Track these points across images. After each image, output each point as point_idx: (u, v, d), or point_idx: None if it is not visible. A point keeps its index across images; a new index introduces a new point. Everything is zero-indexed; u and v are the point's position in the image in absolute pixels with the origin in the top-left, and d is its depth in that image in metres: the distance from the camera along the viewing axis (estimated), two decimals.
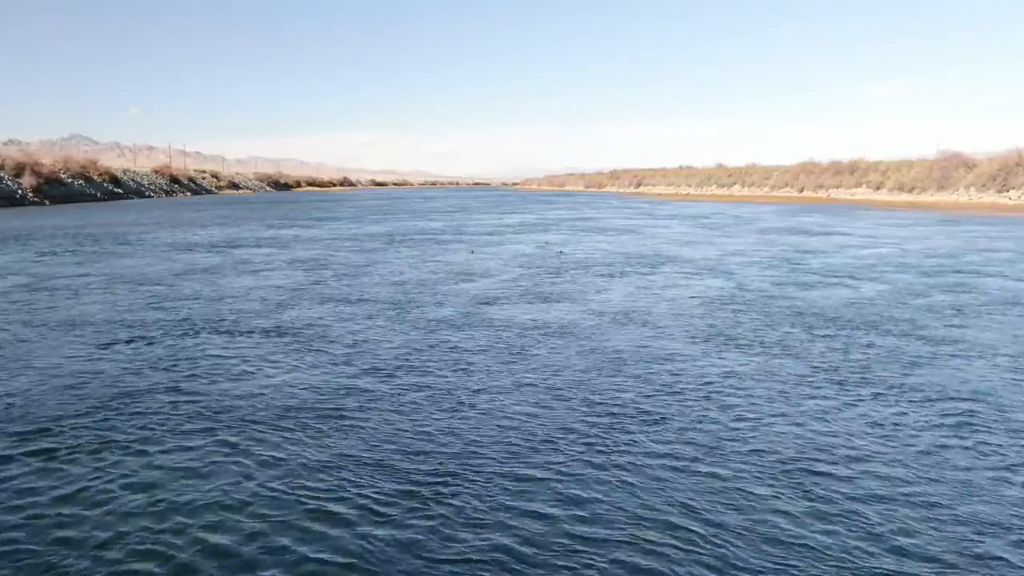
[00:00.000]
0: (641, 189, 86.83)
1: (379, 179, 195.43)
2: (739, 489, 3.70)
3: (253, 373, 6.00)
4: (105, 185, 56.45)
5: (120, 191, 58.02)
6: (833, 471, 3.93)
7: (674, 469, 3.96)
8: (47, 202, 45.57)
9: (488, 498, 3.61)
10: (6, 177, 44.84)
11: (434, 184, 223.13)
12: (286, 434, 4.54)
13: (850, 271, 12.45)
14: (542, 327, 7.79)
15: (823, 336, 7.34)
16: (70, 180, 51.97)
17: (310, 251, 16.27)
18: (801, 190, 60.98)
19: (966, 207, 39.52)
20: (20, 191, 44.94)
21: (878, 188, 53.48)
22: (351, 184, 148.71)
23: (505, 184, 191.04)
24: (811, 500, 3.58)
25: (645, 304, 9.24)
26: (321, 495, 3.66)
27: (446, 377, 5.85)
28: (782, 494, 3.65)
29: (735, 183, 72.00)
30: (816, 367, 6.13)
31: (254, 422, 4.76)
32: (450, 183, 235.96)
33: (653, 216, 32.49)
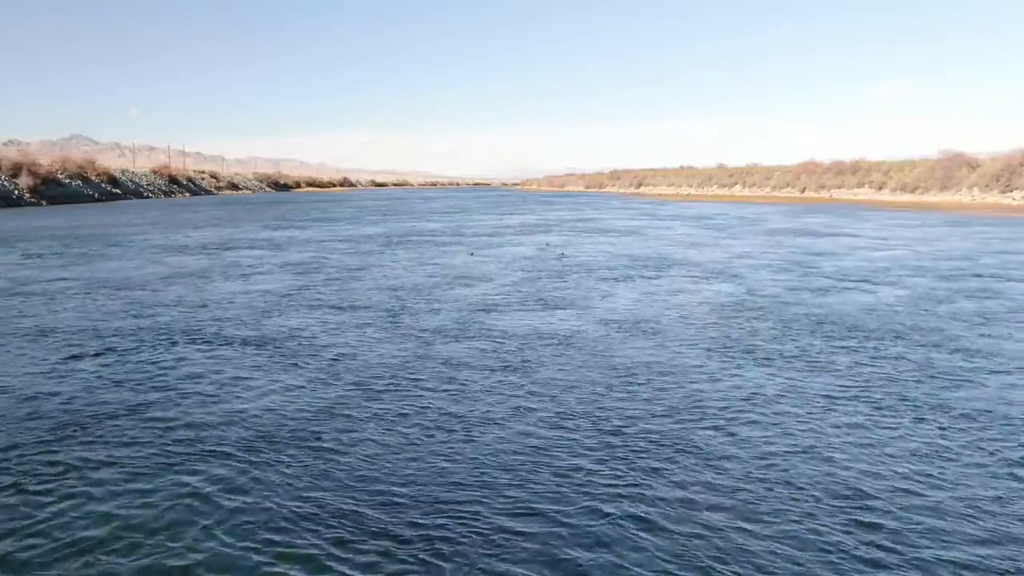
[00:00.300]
0: (642, 189, 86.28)
1: (379, 179, 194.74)
2: (775, 550, 3.15)
3: (225, 395, 5.46)
4: (103, 186, 55.91)
5: (118, 192, 57.48)
6: (883, 523, 3.38)
7: (696, 522, 3.41)
8: (44, 203, 45.05)
9: (483, 566, 3.06)
10: (3, 177, 44.34)
11: (434, 184, 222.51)
12: (253, 472, 3.99)
13: (865, 275, 11.90)
14: (545, 338, 7.25)
15: (847, 348, 6.79)
16: (68, 180, 51.47)
17: (303, 253, 15.74)
18: (803, 190, 60.48)
19: (969, 207, 38.98)
20: (17, 191, 44.43)
21: (880, 188, 53.00)
22: (351, 184, 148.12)
23: (505, 184, 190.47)
24: (864, 567, 3.03)
25: (653, 311, 8.70)
26: (283, 555, 3.12)
27: (439, 400, 5.30)
28: (828, 556, 3.10)
29: (736, 183, 71.45)
30: (845, 384, 5.58)
31: (218, 455, 4.21)
32: (450, 183, 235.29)
33: (656, 217, 31.94)
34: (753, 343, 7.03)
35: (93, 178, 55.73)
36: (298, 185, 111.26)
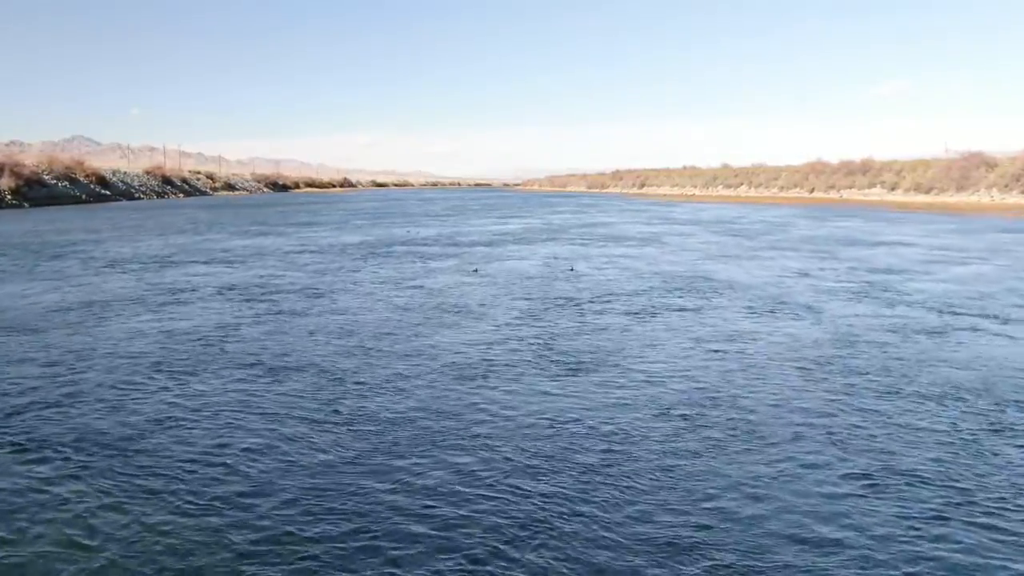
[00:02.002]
0: (644, 190, 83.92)
1: (380, 180, 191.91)
2: None
3: None
4: (91, 186, 53.16)
5: (107, 193, 54.69)
6: None
7: None
8: (26, 204, 42.42)
9: None
10: None
11: (435, 185, 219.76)
12: None
13: (973, 304, 9.10)
14: (567, 446, 4.42)
15: None
16: (53, 181, 48.78)
17: (256, 271, 12.93)
18: (812, 191, 58.16)
19: (989, 208, 36.58)
20: None
21: (893, 188, 50.57)
22: (351, 185, 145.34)
23: (507, 185, 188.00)
24: None
25: (718, 376, 5.91)
26: None
27: None
28: None
29: (742, 183, 69.12)
30: None
31: None
32: (451, 184, 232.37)
33: (669, 220, 29.17)
34: (913, 452, 4.22)
35: (81, 179, 53.03)
36: (297, 186, 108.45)
